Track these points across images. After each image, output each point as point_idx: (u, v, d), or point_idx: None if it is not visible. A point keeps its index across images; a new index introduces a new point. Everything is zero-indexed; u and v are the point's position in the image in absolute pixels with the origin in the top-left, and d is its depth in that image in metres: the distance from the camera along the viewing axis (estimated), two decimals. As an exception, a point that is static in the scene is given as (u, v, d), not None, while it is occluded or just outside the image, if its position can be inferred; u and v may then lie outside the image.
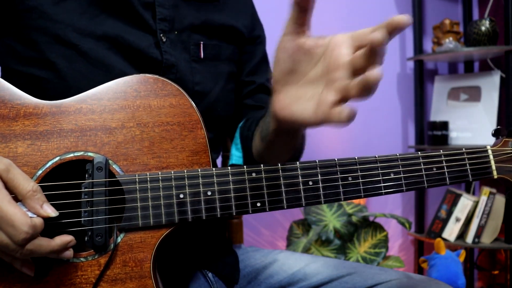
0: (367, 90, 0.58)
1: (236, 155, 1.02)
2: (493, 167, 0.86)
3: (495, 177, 0.87)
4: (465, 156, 0.85)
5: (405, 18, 0.56)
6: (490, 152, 0.87)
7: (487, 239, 2.31)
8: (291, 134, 0.79)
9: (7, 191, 0.64)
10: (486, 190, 2.32)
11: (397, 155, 0.81)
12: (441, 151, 0.83)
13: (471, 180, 0.85)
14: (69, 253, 0.67)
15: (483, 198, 2.32)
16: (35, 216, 0.64)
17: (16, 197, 0.65)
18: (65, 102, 0.75)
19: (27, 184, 0.65)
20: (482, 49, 2.31)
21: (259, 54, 1.13)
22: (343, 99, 0.61)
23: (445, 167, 0.83)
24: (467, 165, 0.84)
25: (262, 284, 1.01)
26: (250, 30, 1.08)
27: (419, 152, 0.82)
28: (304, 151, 1.02)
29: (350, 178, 0.78)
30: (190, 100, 0.78)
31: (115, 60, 0.86)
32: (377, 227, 2.13)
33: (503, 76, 2.41)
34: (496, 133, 0.91)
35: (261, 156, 0.91)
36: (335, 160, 0.78)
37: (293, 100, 0.67)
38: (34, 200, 0.65)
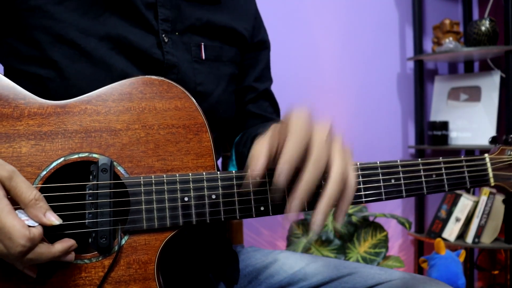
0: None
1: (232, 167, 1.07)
2: (491, 174, 0.89)
3: (492, 184, 0.89)
4: (464, 163, 0.86)
5: None
6: (487, 160, 0.89)
7: (487, 239, 2.31)
8: None
9: (8, 200, 0.62)
10: (486, 190, 2.33)
11: (398, 162, 0.81)
12: (441, 158, 0.85)
13: (468, 187, 0.87)
14: (71, 256, 0.67)
15: (483, 198, 2.32)
16: (36, 224, 0.63)
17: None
18: (70, 102, 0.74)
19: (29, 192, 0.63)
20: (482, 49, 2.31)
21: (264, 60, 1.14)
22: None
23: (444, 174, 0.84)
24: (466, 172, 0.86)
25: (263, 284, 1.02)
26: (252, 34, 1.08)
27: (419, 159, 0.83)
28: None
29: None
30: (196, 103, 0.78)
31: (117, 60, 0.86)
32: (377, 227, 2.13)
33: (503, 76, 2.41)
34: (493, 141, 0.93)
35: None
36: None
37: None
38: (36, 208, 0.63)
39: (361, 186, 0.79)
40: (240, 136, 1.07)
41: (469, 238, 2.32)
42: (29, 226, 0.62)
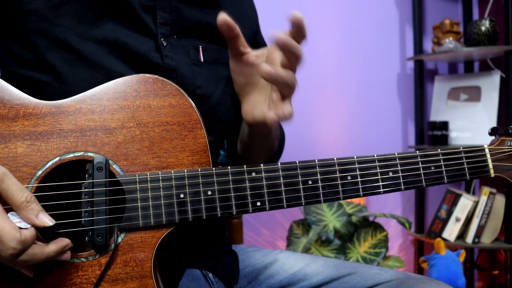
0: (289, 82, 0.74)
1: (221, 153, 1.10)
2: (490, 165, 0.88)
3: (492, 175, 0.88)
4: (463, 155, 0.86)
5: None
6: (487, 151, 0.88)
7: (487, 239, 2.31)
8: (262, 136, 0.90)
9: None
10: (486, 190, 2.32)
11: (395, 154, 0.81)
12: (439, 149, 0.84)
13: (468, 178, 0.86)
14: (67, 255, 0.67)
15: (483, 198, 2.32)
16: (29, 226, 0.63)
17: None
18: (65, 102, 0.74)
19: (21, 194, 0.63)
20: (482, 49, 2.31)
21: None
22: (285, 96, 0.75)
23: (443, 166, 0.84)
24: (465, 164, 0.86)
25: (263, 284, 1.01)
26: (251, 40, 1.08)
27: (417, 151, 0.83)
28: (281, 153, 1.10)
29: (349, 177, 0.79)
30: (190, 100, 0.78)
31: (116, 64, 0.85)
32: (377, 227, 2.13)
33: (503, 76, 2.41)
34: (493, 132, 0.92)
35: (242, 156, 1.01)
36: (334, 159, 0.79)
37: (253, 106, 0.79)
38: (28, 210, 0.63)
39: (359, 179, 0.79)
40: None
41: (469, 238, 2.32)
42: (21, 228, 0.62)
